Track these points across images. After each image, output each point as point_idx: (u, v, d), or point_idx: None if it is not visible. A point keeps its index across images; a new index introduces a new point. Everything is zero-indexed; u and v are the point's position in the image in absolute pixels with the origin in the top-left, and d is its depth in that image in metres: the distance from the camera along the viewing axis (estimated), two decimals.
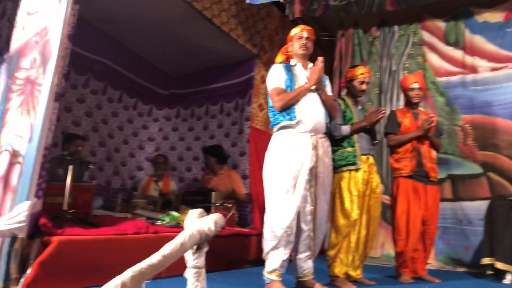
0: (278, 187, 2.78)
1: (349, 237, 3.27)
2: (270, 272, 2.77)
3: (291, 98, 2.84)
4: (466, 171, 4.76)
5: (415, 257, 3.71)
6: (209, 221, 1.79)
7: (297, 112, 2.84)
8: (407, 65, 5.23)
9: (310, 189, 2.87)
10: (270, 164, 2.87)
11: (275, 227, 2.74)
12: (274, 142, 2.91)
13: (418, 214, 3.65)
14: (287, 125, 2.85)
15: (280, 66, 3.00)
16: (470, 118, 4.82)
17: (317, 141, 2.88)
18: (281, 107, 2.85)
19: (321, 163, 2.89)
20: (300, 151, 2.80)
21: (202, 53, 4.98)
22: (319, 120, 2.91)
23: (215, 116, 5.41)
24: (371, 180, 3.39)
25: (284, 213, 2.73)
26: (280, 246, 2.74)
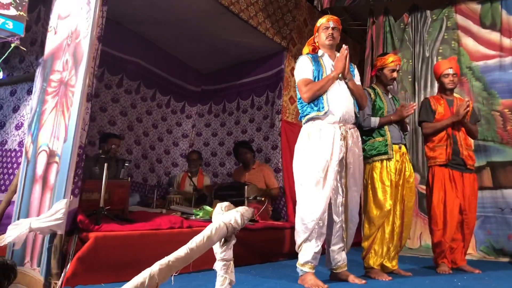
0: (308, 179, 2.77)
1: (383, 228, 3.23)
2: (303, 264, 2.77)
3: (319, 88, 2.82)
4: (507, 157, 4.59)
5: (454, 247, 3.63)
6: (236, 214, 1.81)
7: (325, 103, 2.83)
8: (441, 50, 5.07)
9: (340, 180, 2.86)
10: (300, 156, 2.87)
11: (306, 219, 2.74)
12: (303, 134, 2.91)
13: (455, 203, 3.56)
14: (316, 116, 2.84)
15: (306, 57, 2.98)
16: (509, 103, 4.65)
17: (347, 132, 2.85)
18: (309, 98, 2.84)
19: (351, 153, 2.86)
20: (329, 142, 2.78)
21: (231, 48, 5.00)
22: (348, 110, 2.88)
23: (246, 111, 5.43)
24: (404, 169, 3.32)
25: (315, 205, 2.72)
26: (312, 238, 2.74)
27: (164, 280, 1.50)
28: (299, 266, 2.80)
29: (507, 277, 3.35)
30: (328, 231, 2.88)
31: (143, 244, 2.90)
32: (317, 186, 2.74)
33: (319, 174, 2.74)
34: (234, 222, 1.76)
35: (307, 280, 2.70)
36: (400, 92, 5.16)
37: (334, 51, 3.06)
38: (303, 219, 2.76)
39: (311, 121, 2.87)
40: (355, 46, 6.16)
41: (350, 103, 2.91)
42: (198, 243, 1.63)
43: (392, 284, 2.87)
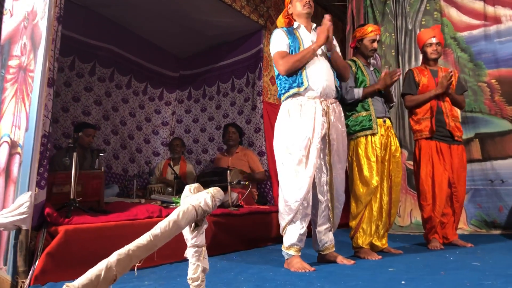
0: (290, 158, 2.62)
1: (371, 205, 3.10)
2: (288, 247, 2.64)
3: (297, 60, 2.65)
4: (495, 128, 4.49)
5: (444, 222, 3.53)
6: (206, 195, 1.65)
7: (304, 78, 2.66)
8: (423, 22, 4.93)
9: (324, 157, 2.72)
10: (280, 135, 2.71)
11: (289, 200, 2.59)
12: (282, 111, 2.75)
13: (444, 177, 3.45)
14: (296, 92, 2.68)
15: (281, 31, 2.81)
16: (496, 73, 4.53)
17: (328, 107, 2.70)
18: (286, 70, 2.66)
19: (334, 129, 2.72)
20: (310, 119, 2.62)
21: (207, 29, 4.81)
22: (329, 84, 2.72)
23: (227, 94, 5.26)
24: (390, 144, 3.20)
25: (298, 185, 2.58)
26: (297, 220, 2.60)
27: (124, 272, 1.35)
28: (284, 250, 2.66)
29: (499, 249, 3.26)
30: (314, 212, 2.75)
31: (119, 235, 2.73)
32: (300, 165, 2.59)
33: (301, 152, 2.59)
34: (204, 205, 1.60)
35: (293, 264, 2.57)
36: (384, 67, 5.01)
37: (310, 22, 2.88)
38: (286, 200, 2.61)
39: (290, 97, 2.71)
40: (336, 23, 5.99)
41: (330, 76, 2.75)
42: (162, 229, 1.48)
43: (382, 263, 2.75)
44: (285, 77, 2.72)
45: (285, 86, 2.72)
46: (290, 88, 2.69)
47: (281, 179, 2.69)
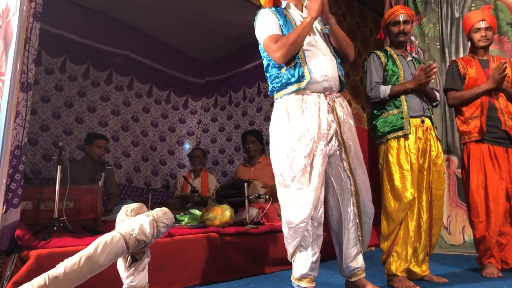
0: (291, 168, 2.10)
1: (406, 224, 2.56)
2: (299, 279, 2.14)
3: (294, 41, 2.11)
4: None
5: (503, 243, 2.91)
6: (144, 219, 1.23)
7: (305, 70, 2.15)
8: (473, 8, 4.26)
9: (342, 162, 2.20)
10: (278, 140, 2.19)
11: (294, 221, 2.08)
12: (278, 111, 2.22)
13: (500, 188, 2.85)
14: (296, 89, 2.16)
15: (269, 11, 2.30)
16: None
17: (334, 101, 2.19)
18: (284, 57, 2.13)
19: (346, 127, 2.20)
20: (314, 118, 2.11)
21: (228, 29, 4.47)
22: (333, 74, 2.21)
23: (253, 99, 4.87)
24: (429, 149, 2.64)
25: (303, 201, 2.06)
26: (306, 245, 2.10)
27: None
28: (294, 281, 2.16)
29: None
30: (337, 231, 2.25)
31: None
32: (304, 176, 2.07)
33: (305, 159, 2.07)
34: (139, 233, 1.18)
35: None
36: (428, 63, 4.39)
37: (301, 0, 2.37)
38: (290, 222, 2.10)
39: (287, 95, 2.20)
40: (376, 19, 5.44)
41: (334, 65, 2.24)
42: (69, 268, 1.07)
43: None
44: (278, 70, 2.21)
45: (280, 81, 2.21)
46: (289, 83, 2.18)
47: (281, 195, 2.17)
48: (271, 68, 2.26)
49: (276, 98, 2.27)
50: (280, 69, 2.21)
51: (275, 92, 2.27)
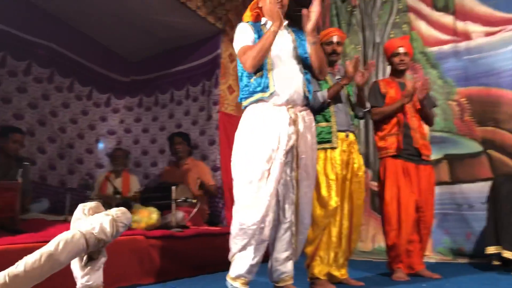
0: (249, 173, 2.21)
1: (329, 230, 2.73)
2: (235, 278, 2.21)
3: (259, 49, 2.23)
4: (464, 150, 4.22)
5: (410, 250, 3.18)
6: (103, 218, 1.22)
7: (270, 81, 2.28)
8: (392, 35, 4.66)
9: (291, 173, 2.31)
10: (240, 146, 2.30)
11: (246, 223, 2.17)
12: (244, 119, 2.34)
13: (411, 200, 3.12)
14: (260, 98, 2.28)
15: (247, 24, 2.43)
16: (466, 91, 4.29)
17: (296, 115, 2.31)
18: (253, 66, 2.25)
19: (303, 141, 2.32)
20: (275, 128, 2.23)
21: (159, 30, 4.41)
22: (297, 89, 2.33)
23: (181, 103, 4.85)
24: (352, 161, 2.85)
25: (257, 205, 2.17)
26: (250, 246, 2.18)
27: None
28: (229, 280, 2.23)
29: (469, 282, 2.95)
30: (272, 236, 2.33)
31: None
32: (261, 181, 2.18)
33: (263, 166, 2.19)
34: (99, 231, 1.17)
35: None
36: None
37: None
38: (242, 223, 2.18)
39: (253, 103, 2.31)
40: None
41: (299, 79, 2.37)
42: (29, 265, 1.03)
43: None
44: (248, 80, 2.33)
45: (247, 89, 2.33)
46: (254, 92, 2.29)
47: (237, 197, 2.26)
48: (243, 77, 2.38)
49: (243, 105, 2.38)
50: (250, 78, 2.33)
51: (243, 100, 2.38)
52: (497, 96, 4.13)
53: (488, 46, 4.22)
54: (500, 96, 4.11)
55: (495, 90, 4.14)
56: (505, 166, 3.97)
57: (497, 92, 4.13)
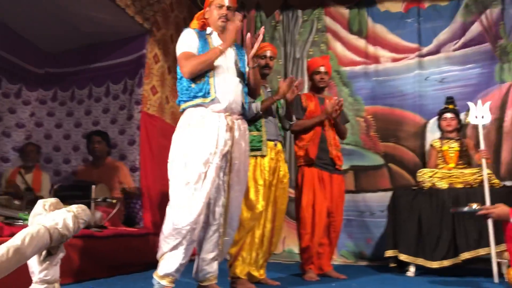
0: (185, 175, 2.28)
1: (253, 232, 2.89)
2: (163, 276, 2.26)
3: (202, 61, 2.36)
4: (368, 162, 4.69)
5: (321, 252, 3.48)
6: (66, 214, 1.25)
7: (212, 88, 2.38)
8: (311, 52, 5.02)
9: (223, 177, 2.43)
10: (177, 148, 2.37)
11: (180, 223, 2.23)
12: (182, 122, 2.42)
13: (324, 206, 3.42)
14: (200, 103, 2.38)
15: (192, 31, 2.51)
16: (372, 109, 4.76)
17: (233, 122, 2.44)
18: (190, 73, 2.36)
19: (237, 147, 2.46)
20: (213, 133, 2.34)
21: (85, 24, 4.25)
22: (236, 98, 2.47)
23: (100, 99, 4.69)
24: (279, 168, 3.05)
25: (191, 206, 2.25)
26: (182, 246, 2.25)
27: None
28: (156, 278, 2.28)
29: (373, 282, 3.30)
30: (201, 236, 2.43)
31: None
32: (197, 183, 2.27)
33: (200, 169, 2.28)
34: (63, 227, 1.19)
35: None
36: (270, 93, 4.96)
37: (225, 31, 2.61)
38: (175, 223, 2.24)
39: (193, 107, 2.40)
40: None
41: (239, 90, 2.51)
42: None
43: None
44: (189, 84, 2.40)
45: (188, 93, 2.41)
46: (195, 97, 2.38)
47: (173, 198, 2.32)
48: (183, 80, 2.45)
49: (182, 108, 2.45)
50: (191, 83, 2.40)
51: (182, 103, 2.45)
52: (399, 116, 4.65)
53: (394, 70, 4.74)
54: (401, 116, 4.64)
55: (398, 111, 4.66)
56: (403, 179, 4.48)
57: (399, 112, 4.66)
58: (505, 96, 4.32)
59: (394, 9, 4.83)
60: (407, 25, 4.75)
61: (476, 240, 3.34)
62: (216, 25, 2.52)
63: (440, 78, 4.57)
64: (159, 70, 4.62)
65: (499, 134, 4.29)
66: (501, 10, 4.44)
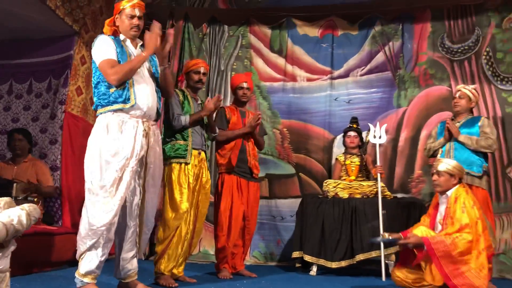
0: (102, 178, 2.46)
1: (180, 231, 3.15)
2: (85, 274, 2.44)
3: (130, 69, 2.55)
4: (282, 171, 5.09)
5: (235, 253, 3.78)
6: (20, 212, 1.43)
7: (132, 95, 2.57)
8: (235, 66, 5.33)
9: (139, 180, 2.65)
10: (95, 152, 2.51)
11: (96, 223, 2.41)
12: (100, 126, 2.56)
13: (240, 210, 3.72)
14: (120, 108, 2.55)
15: (109, 38, 2.65)
16: (287, 123, 5.18)
17: (149, 128, 2.66)
18: (119, 80, 2.51)
19: (152, 152, 2.69)
20: (131, 138, 2.53)
21: (11, 20, 4.19)
22: (153, 105, 2.69)
23: (21, 96, 4.62)
24: (201, 175, 3.34)
25: (107, 208, 2.43)
26: (99, 245, 2.43)
27: None
28: (78, 277, 2.45)
29: (279, 280, 3.65)
30: (120, 237, 2.62)
31: None
32: (113, 186, 2.45)
33: (116, 173, 2.47)
34: (18, 223, 1.37)
35: None
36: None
37: (136, 39, 2.80)
38: (92, 224, 2.42)
39: (111, 112, 2.56)
40: None
41: (155, 97, 2.73)
42: None
43: None
44: (106, 89, 2.56)
45: (106, 99, 2.56)
46: (115, 102, 2.55)
47: (89, 199, 2.48)
48: (100, 85, 2.58)
49: (99, 113, 2.58)
50: (109, 88, 2.55)
51: (99, 107, 2.58)
52: (310, 130, 5.11)
53: (308, 89, 5.20)
54: (312, 131, 5.10)
55: (310, 126, 5.12)
56: (311, 188, 4.95)
57: (310, 127, 5.12)
58: (400, 119, 4.94)
59: (312, 34, 5.29)
60: (322, 49, 5.24)
61: (369, 244, 3.84)
62: (128, 34, 2.70)
63: (348, 99, 5.10)
64: (85, 71, 4.67)
65: (394, 152, 4.89)
66: (401, 44, 5.08)
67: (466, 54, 4.89)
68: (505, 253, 4.32)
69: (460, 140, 3.55)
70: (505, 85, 4.72)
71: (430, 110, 4.87)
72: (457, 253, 2.71)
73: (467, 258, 2.74)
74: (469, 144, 3.51)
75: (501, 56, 4.78)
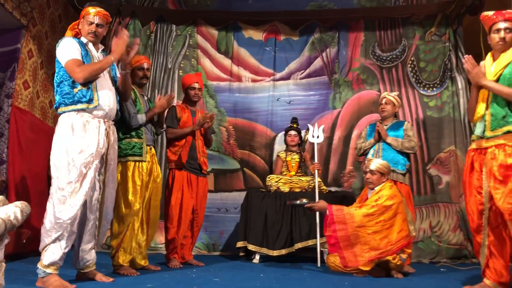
0: (69, 175, 2.64)
1: (133, 225, 3.32)
2: (47, 265, 2.59)
3: (96, 69, 2.75)
4: (227, 166, 5.39)
5: (184, 244, 4.01)
6: (16, 208, 1.62)
7: (95, 95, 2.77)
8: (182, 65, 5.52)
9: (99, 176, 2.85)
10: (61, 150, 2.69)
11: (62, 218, 2.59)
12: (65, 124, 2.72)
13: (190, 204, 3.96)
14: (83, 108, 2.72)
15: (74, 40, 2.83)
16: (233, 121, 5.48)
17: (110, 127, 2.87)
18: (85, 78, 2.70)
19: (112, 150, 2.91)
20: (95, 137, 2.73)
21: None
22: (113, 106, 2.91)
23: None
24: (153, 170, 3.53)
25: (72, 203, 2.62)
26: (63, 238, 2.60)
27: None
28: (41, 267, 2.60)
29: (226, 268, 3.92)
30: (80, 229, 2.80)
31: None
32: (78, 182, 2.64)
33: (81, 170, 2.66)
34: (14, 218, 1.55)
35: (51, 282, 2.56)
36: None
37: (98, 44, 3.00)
38: (58, 218, 2.59)
39: (74, 112, 2.73)
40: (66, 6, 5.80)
41: (115, 98, 2.96)
42: None
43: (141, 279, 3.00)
44: (70, 88, 2.73)
45: (70, 98, 2.72)
46: (79, 102, 2.72)
47: (55, 195, 2.65)
48: (63, 84, 2.74)
49: (62, 111, 2.74)
50: (73, 88, 2.72)
51: (62, 105, 2.74)
52: (254, 128, 5.45)
53: (253, 89, 5.52)
54: (256, 129, 5.44)
55: (253, 124, 5.45)
56: (255, 182, 5.30)
57: (254, 125, 5.45)
58: (335, 120, 5.40)
59: (256, 37, 5.60)
60: (265, 52, 5.57)
61: (307, 233, 4.23)
62: (87, 38, 2.89)
63: (289, 100, 5.49)
64: (32, 65, 4.67)
65: (329, 150, 5.35)
66: (337, 51, 5.53)
67: (394, 62, 5.43)
68: (423, 240, 4.91)
69: (388, 141, 4.03)
70: (427, 91, 5.32)
71: (361, 112, 5.38)
72: (353, 222, 3.35)
73: (362, 233, 3.36)
74: (395, 146, 4.01)
75: (423, 65, 5.38)
